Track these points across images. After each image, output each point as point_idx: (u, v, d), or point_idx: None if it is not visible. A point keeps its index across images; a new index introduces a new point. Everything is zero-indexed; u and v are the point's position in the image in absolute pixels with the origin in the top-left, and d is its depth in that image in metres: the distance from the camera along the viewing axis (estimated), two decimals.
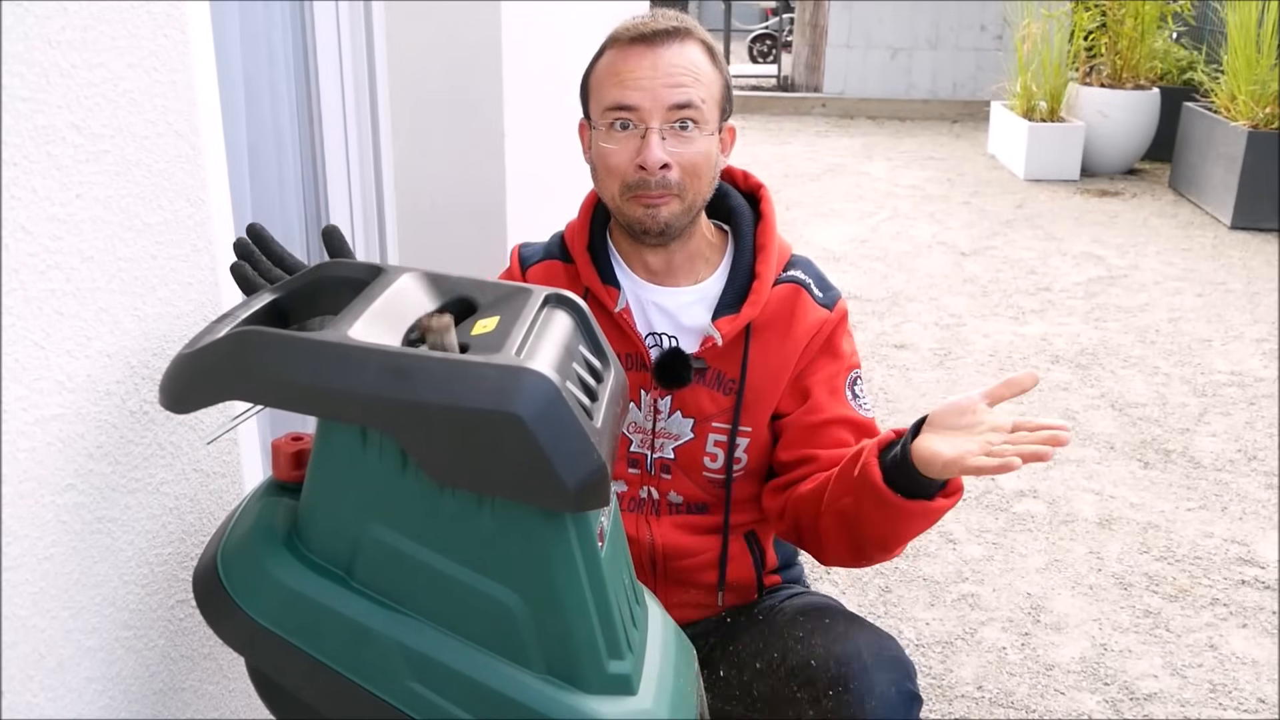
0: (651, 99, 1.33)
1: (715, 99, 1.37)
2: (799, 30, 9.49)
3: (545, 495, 0.86)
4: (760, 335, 1.45)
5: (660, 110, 1.33)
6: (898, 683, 1.29)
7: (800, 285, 1.48)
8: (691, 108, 1.33)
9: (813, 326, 1.46)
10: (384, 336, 0.91)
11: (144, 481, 1.05)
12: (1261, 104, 5.57)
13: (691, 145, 1.35)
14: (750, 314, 1.43)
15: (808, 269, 1.52)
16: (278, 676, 0.96)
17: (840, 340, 1.48)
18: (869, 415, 1.47)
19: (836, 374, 1.46)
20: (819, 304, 1.48)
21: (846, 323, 1.50)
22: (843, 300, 1.51)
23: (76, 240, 0.93)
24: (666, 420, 1.46)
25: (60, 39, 0.90)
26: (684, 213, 1.38)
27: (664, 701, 0.98)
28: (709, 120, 1.36)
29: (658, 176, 1.33)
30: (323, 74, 1.93)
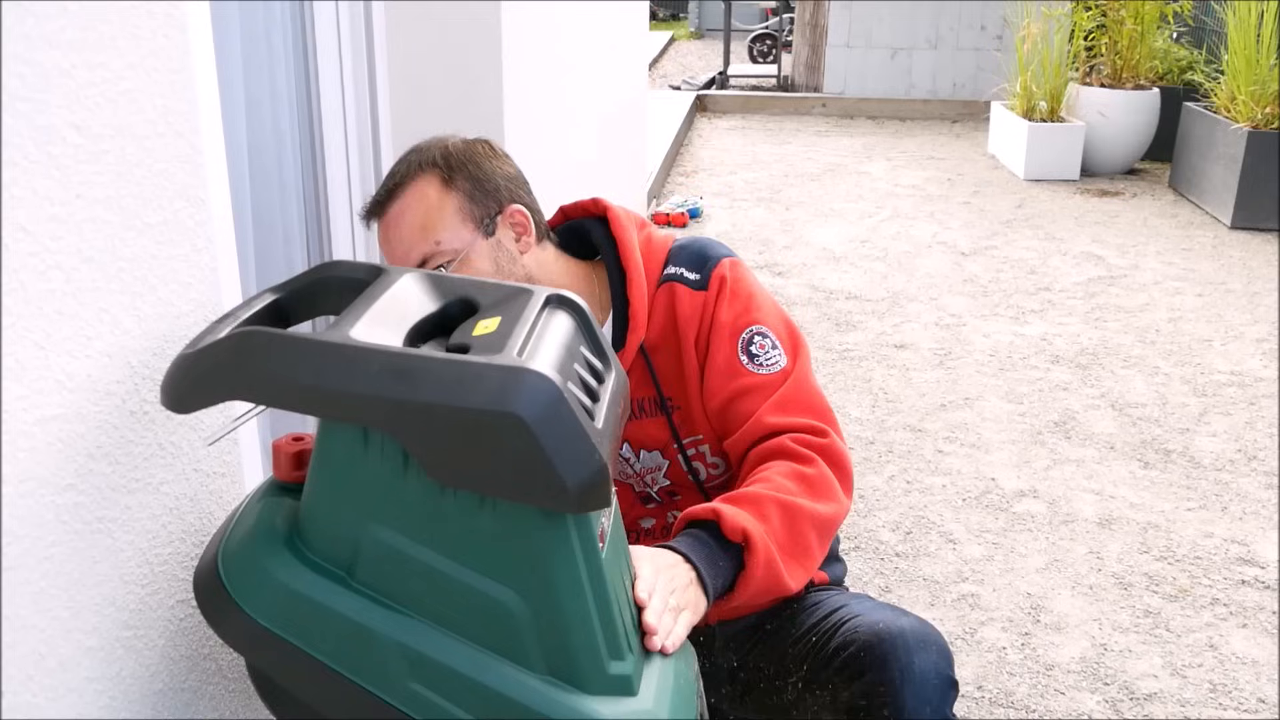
0: (404, 265, 1.37)
1: (454, 222, 1.38)
2: (799, 30, 9.49)
3: (546, 496, 0.86)
4: (657, 349, 1.45)
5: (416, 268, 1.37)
6: (937, 665, 1.30)
7: (673, 281, 1.46)
8: (430, 259, 1.38)
9: (693, 314, 1.44)
10: (385, 337, 0.91)
11: (144, 481, 1.05)
12: (1261, 104, 5.57)
13: (468, 270, 1.38)
14: (636, 339, 1.43)
15: (680, 255, 1.48)
16: (278, 676, 0.96)
17: (721, 310, 1.44)
18: (773, 370, 1.42)
19: (721, 347, 1.43)
20: (694, 289, 1.45)
21: (728, 287, 1.45)
22: (722, 264, 1.46)
23: (76, 240, 0.93)
24: (638, 461, 1.50)
25: (60, 39, 0.90)
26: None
27: (664, 702, 0.98)
28: (459, 247, 1.38)
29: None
30: (323, 74, 1.92)
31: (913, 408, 3.55)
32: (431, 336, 1.00)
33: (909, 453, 3.26)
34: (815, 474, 1.36)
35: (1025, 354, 4.01)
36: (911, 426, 3.42)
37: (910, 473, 3.14)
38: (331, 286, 1.08)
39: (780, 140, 7.91)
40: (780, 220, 5.79)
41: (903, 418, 3.48)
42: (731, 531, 1.24)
